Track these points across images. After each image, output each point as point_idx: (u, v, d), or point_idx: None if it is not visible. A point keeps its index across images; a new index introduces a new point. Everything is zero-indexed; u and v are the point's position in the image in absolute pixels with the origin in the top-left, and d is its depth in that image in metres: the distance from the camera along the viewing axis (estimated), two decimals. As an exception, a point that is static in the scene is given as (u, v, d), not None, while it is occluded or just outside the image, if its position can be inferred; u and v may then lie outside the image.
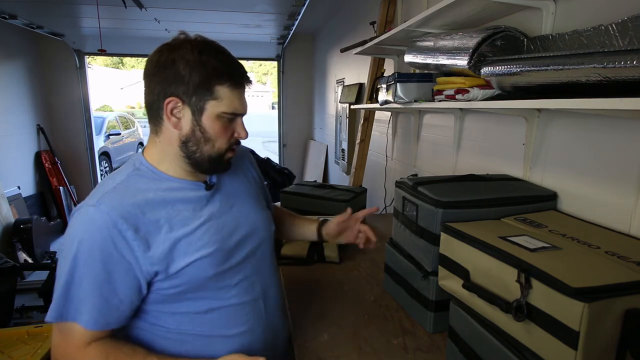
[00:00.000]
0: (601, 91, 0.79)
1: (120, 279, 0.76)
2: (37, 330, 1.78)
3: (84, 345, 0.76)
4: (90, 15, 3.83)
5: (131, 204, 0.77)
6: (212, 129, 0.81)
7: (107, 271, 0.75)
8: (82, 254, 0.74)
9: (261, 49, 5.87)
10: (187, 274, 0.80)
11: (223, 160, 0.86)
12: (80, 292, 0.74)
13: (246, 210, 0.93)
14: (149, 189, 0.81)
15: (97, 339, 0.77)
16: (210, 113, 0.80)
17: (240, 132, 0.85)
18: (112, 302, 0.76)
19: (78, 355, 0.76)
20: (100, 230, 0.74)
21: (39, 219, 4.35)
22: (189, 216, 0.82)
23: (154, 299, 0.82)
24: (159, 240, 0.77)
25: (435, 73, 1.60)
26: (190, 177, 0.86)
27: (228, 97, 0.80)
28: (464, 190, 1.11)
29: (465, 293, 0.85)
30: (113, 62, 26.22)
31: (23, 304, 3.01)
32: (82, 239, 0.74)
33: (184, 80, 0.77)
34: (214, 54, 0.79)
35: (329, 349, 1.04)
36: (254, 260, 0.93)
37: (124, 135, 9.62)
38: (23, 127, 4.93)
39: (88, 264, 0.74)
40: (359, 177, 3.01)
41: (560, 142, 1.19)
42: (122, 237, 0.74)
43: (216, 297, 0.85)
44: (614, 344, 0.63)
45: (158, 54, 0.79)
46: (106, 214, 0.74)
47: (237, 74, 0.81)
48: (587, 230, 0.94)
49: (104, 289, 0.75)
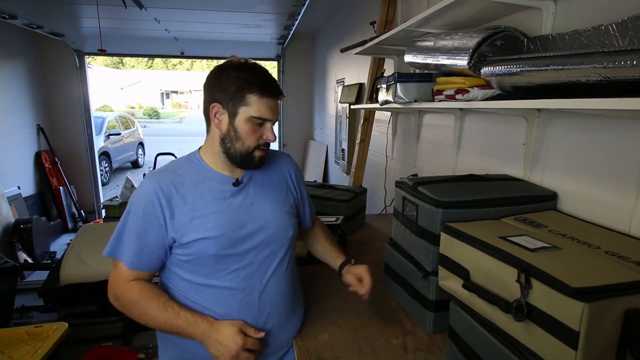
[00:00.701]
0: (601, 91, 0.79)
1: (153, 234, 0.96)
2: (37, 330, 1.78)
3: (127, 281, 0.98)
4: (90, 15, 3.83)
5: (170, 182, 0.98)
6: (242, 130, 0.98)
7: (146, 227, 0.96)
8: (132, 210, 0.98)
9: (261, 49, 5.87)
10: (194, 247, 0.97)
11: (252, 158, 1.01)
12: (127, 237, 0.97)
13: (264, 209, 1.05)
14: (188, 174, 1.01)
15: (137, 279, 0.99)
16: (242, 116, 0.97)
17: (269, 135, 1.01)
18: (145, 251, 0.97)
19: (123, 286, 0.98)
20: (147, 195, 0.96)
21: (39, 219, 4.35)
22: (211, 202, 0.99)
23: (172, 261, 1.01)
24: (181, 214, 0.97)
25: (435, 73, 1.60)
26: (226, 171, 1.04)
27: (257, 104, 0.96)
28: (464, 190, 1.11)
29: (465, 293, 0.85)
30: (113, 62, 26.21)
31: (23, 304, 3.02)
32: (135, 199, 0.98)
33: (224, 90, 0.96)
34: (249, 71, 0.97)
35: (329, 349, 1.04)
36: (259, 256, 1.03)
37: (124, 135, 9.62)
38: (23, 127, 4.93)
39: (135, 218, 0.97)
40: (359, 177, 3.01)
41: (560, 142, 1.19)
42: (159, 203, 0.96)
43: (213, 276, 0.99)
44: (614, 344, 0.63)
45: (212, 71, 1.01)
46: (153, 184, 0.97)
47: (266, 86, 0.97)
48: (587, 230, 0.94)
49: (141, 240, 0.96)
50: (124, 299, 0.98)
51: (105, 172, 8.28)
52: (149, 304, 0.96)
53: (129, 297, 0.97)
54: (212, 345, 0.95)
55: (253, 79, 0.96)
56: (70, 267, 2.45)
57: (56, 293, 2.41)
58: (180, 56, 6.02)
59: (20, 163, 4.87)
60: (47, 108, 5.39)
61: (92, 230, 2.88)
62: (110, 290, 1.00)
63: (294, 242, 1.13)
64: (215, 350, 0.94)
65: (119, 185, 7.70)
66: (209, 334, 0.95)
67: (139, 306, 0.96)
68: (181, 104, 30.51)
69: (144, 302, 0.96)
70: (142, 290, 0.97)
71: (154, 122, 23.11)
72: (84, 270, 2.43)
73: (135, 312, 0.97)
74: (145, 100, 26.79)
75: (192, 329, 0.95)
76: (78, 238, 2.71)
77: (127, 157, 10.01)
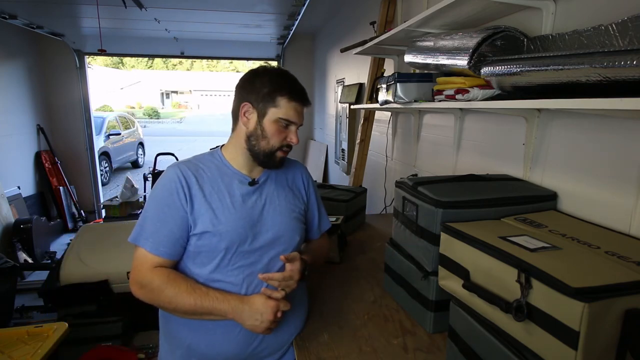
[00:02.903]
0: (601, 91, 0.79)
1: (176, 221, 0.99)
2: (37, 330, 1.78)
3: (151, 268, 0.99)
4: (90, 15, 3.83)
5: (192, 173, 1.03)
6: (269, 130, 1.03)
7: (169, 213, 0.99)
8: (156, 197, 1.02)
9: (261, 49, 5.87)
10: (204, 239, 1.00)
11: (274, 157, 1.06)
12: (150, 224, 1.00)
13: (275, 212, 1.08)
14: (208, 168, 1.06)
15: (161, 265, 1.00)
16: (270, 117, 1.02)
17: (292, 137, 1.06)
18: (169, 237, 0.99)
19: (148, 274, 0.98)
20: (170, 183, 1.00)
21: (39, 219, 4.35)
22: (226, 198, 1.03)
23: (184, 253, 1.03)
24: (198, 204, 1.01)
25: (435, 73, 1.60)
26: (244, 170, 1.09)
27: (285, 107, 1.02)
28: (464, 190, 1.11)
29: (465, 293, 0.85)
30: (113, 62, 26.22)
31: (23, 304, 3.01)
32: (158, 186, 1.03)
33: (256, 92, 1.02)
34: (282, 76, 1.04)
35: (329, 349, 1.04)
36: (265, 256, 1.05)
37: (123, 135, 9.62)
38: (23, 127, 4.93)
39: (158, 204, 1.01)
40: (359, 177, 3.01)
41: (560, 142, 1.19)
42: (182, 191, 1.00)
43: (219, 270, 1.02)
44: (614, 344, 0.63)
45: (246, 74, 1.07)
46: (176, 172, 1.01)
47: (295, 92, 1.04)
48: (587, 230, 0.94)
49: (165, 226, 0.99)
50: (151, 286, 0.97)
51: (105, 172, 8.28)
52: (177, 287, 0.96)
53: (156, 283, 0.97)
54: (247, 317, 0.96)
55: (285, 83, 1.03)
56: (70, 267, 2.45)
57: (56, 293, 2.41)
58: (180, 56, 6.02)
59: (20, 163, 4.87)
60: (47, 108, 5.39)
61: (92, 230, 2.89)
62: (134, 279, 1.00)
63: (299, 247, 1.15)
64: (253, 321, 0.96)
65: (119, 185, 7.69)
66: (241, 307, 0.96)
67: (167, 290, 0.96)
68: (181, 104, 30.52)
69: (172, 286, 0.96)
70: (168, 275, 0.98)
71: (154, 122, 23.12)
72: (84, 270, 2.43)
73: (163, 297, 0.96)
74: (145, 100, 26.80)
75: (223, 306, 0.96)
76: (78, 238, 2.72)
77: (127, 157, 10.01)
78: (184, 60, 18.77)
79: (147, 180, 5.41)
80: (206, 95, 30.61)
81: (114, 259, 2.48)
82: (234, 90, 1.10)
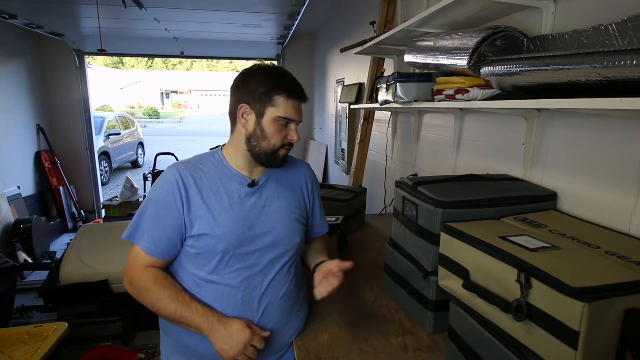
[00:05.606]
0: (601, 91, 0.79)
1: (171, 222, 0.99)
2: (37, 330, 1.78)
3: (144, 267, 1.00)
4: (90, 15, 3.83)
5: (191, 174, 1.02)
6: (269, 130, 1.02)
7: (164, 214, 0.99)
8: (153, 197, 1.01)
9: (261, 49, 5.87)
10: (202, 241, 1.00)
11: (277, 156, 1.05)
12: (146, 223, 1.00)
13: (275, 214, 1.07)
14: (208, 169, 1.05)
15: (153, 266, 1.01)
16: (269, 117, 1.01)
17: (293, 135, 1.04)
18: (163, 237, 1.00)
19: (139, 272, 1.00)
20: (168, 184, 1.00)
21: (39, 219, 4.35)
22: (224, 200, 1.02)
23: (182, 252, 1.03)
24: (196, 206, 1.00)
25: (435, 73, 1.60)
26: (245, 172, 1.07)
27: (283, 105, 1.01)
28: (464, 190, 1.11)
29: (465, 293, 0.85)
30: (113, 62, 26.23)
31: (23, 304, 3.02)
32: (157, 186, 1.02)
33: (253, 92, 1.01)
34: (277, 74, 1.02)
35: (329, 349, 1.04)
36: (264, 258, 1.04)
37: (123, 135, 9.62)
38: (23, 127, 4.93)
39: (155, 204, 1.01)
40: (359, 177, 3.01)
41: (560, 142, 1.19)
42: (179, 193, 0.99)
43: (217, 272, 1.01)
44: (614, 344, 0.63)
45: (240, 75, 1.05)
46: (175, 173, 1.01)
47: (292, 89, 1.02)
48: (587, 230, 0.94)
49: (159, 226, 0.99)
50: (139, 284, 0.99)
51: (105, 172, 8.28)
52: (162, 291, 0.97)
53: (143, 282, 0.99)
54: (219, 339, 0.95)
55: (281, 82, 1.01)
56: (70, 267, 2.45)
57: (56, 293, 2.41)
58: (180, 56, 6.02)
59: (20, 163, 4.87)
60: (47, 108, 5.39)
61: (92, 230, 2.89)
62: (126, 275, 1.02)
63: (299, 248, 1.14)
64: (223, 344, 0.95)
65: (119, 185, 7.70)
66: (217, 327, 0.96)
67: (153, 292, 0.98)
68: (181, 104, 30.54)
69: (158, 289, 0.97)
70: (157, 278, 0.99)
71: (154, 122, 23.13)
72: (84, 270, 2.43)
73: (148, 298, 0.98)
74: (145, 100, 26.82)
75: (201, 321, 0.96)
76: (78, 238, 2.72)
77: (127, 157, 10.01)
78: (184, 60, 18.79)
79: (147, 180, 5.41)
80: (206, 95, 30.64)
81: (114, 259, 2.48)
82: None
